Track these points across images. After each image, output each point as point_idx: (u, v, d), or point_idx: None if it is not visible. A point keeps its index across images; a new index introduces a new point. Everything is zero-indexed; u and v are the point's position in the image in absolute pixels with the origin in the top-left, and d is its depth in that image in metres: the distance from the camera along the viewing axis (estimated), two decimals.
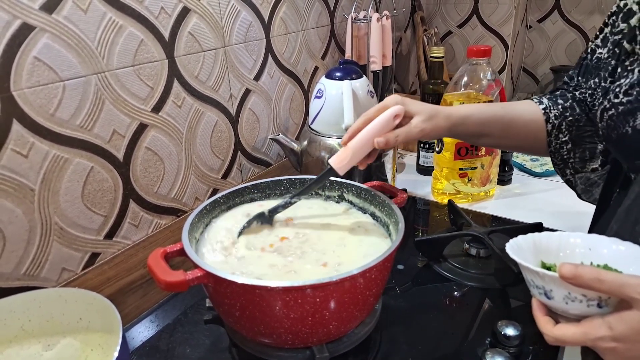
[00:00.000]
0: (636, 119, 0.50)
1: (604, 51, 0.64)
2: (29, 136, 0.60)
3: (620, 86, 0.53)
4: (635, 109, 0.50)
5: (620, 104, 0.52)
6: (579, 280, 0.41)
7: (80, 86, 0.65)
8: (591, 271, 0.41)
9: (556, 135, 0.67)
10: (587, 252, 0.53)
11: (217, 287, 0.53)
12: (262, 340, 0.58)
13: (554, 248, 0.54)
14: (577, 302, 0.44)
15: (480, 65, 0.95)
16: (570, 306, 0.45)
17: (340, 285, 0.50)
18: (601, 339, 0.42)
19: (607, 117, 0.54)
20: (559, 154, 0.68)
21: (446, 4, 1.58)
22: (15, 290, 0.62)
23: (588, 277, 0.41)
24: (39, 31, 0.59)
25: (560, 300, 0.45)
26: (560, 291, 0.45)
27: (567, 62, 1.63)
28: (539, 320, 0.48)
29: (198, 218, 0.64)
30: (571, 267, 0.41)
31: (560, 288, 0.45)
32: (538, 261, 0.53)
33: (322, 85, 0.92)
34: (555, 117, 0.67)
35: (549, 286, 0.46)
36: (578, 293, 0.44)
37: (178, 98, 0.80)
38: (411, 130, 0.60)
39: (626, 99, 0.51)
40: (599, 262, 0.51)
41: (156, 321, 0.74)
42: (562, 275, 0.42)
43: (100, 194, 0.71)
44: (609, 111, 0.53)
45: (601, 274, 0.41)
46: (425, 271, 0.83)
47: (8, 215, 0.60)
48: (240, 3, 0.89)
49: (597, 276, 0.40)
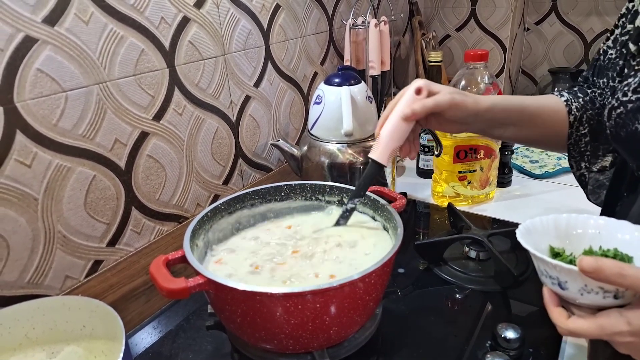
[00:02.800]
0: None
1: (614, 52, 0.65)
2: (32, 146, 0.61)
3: (628, 85, 0.53)
4: None
5: (629, 101, 0.52)
6: (600, 275, 0.40)
7: (83, 96, 0.66)
8: (613, 265, 0.40)
9: (577, 127, 0.67)
10: (597, 235, 0.52)
11: (218, 294, 0.53)
12: (264, 345, 0.58)
13: (562, 230, 0.53)
14: (592, 294, 0.43)
15: (478, 69, 0.96)
16: (586, 297, 0.44)
17: (340, 290, 0.51)
18: (619, 334, 0.41)
19: (615, 116, 0.54)
20: (577, 147, 0.68)
21: (444, 8, 1.59)
22: (19, 299, 0.62)
23: (610, 272, 0.40)
24: (42, 43, 0.60)
25: (575, 291, 0.44)
26: (576, 283, 0.44)
27: (565, 63, 1.63)
28: (552, 311, 0.47)
29: (199, 225, 0.65)
30: (592, 260, 0.40)
31: (577, 280, 0.44)
32: (547, 245, 0.52)
33: (321, 91, 0.92)
34: (577, 109, 0.67)
35: (563, 277, 0.45)
36: (595, 285, 0.43)
37: (179, 106, 0.81)
38: (440, 97, 0.59)
39: (635, 96, 0.52)
40: (608, 246, 0.50)
41: (159, 327, 0.75)
42: (582, 270, 0.41)
43: (102, 202, 0.71)
44: (618, 109, 0.53)
45: (624, 268, 0.40)
46: (425, 274, 0.83)
47: (12, 224, 0.61)
48: (240, 11, 0.90)
49: (620, 271, 0.39)
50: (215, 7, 0.84)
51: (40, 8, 0.60)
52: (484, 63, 0.95)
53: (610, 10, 1.50)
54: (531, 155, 1.30)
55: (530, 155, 1.30)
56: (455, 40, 1.62)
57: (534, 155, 1.29)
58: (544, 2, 1.60)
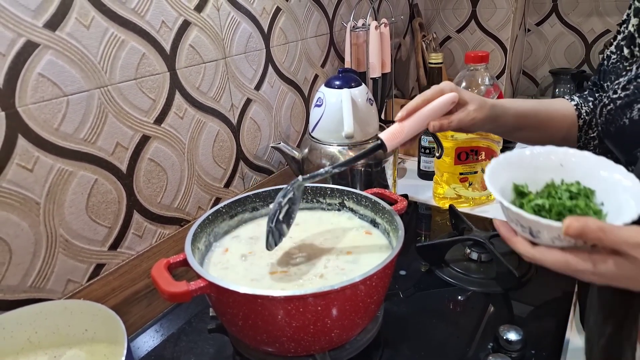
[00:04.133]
0: (633, 111, 0.52)
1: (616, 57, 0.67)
2: (34, 151, 0.62)
3: (618, 83, 0.56)
4: (632, 101, 0.52)
5: (618, 98, 0.54)
6: (584, 237, 0.40)
7: (84, 100, 0.66)
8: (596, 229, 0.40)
9: (586, 130, 0.69)
10: (559, 167, 0.51)
11: (220, 297, 0.53)
12: (265, 348, 0.58)
13: (526, 163, 0.52)
14: (564, 242, 0.43)
15: (478, 71, 0.96)
16: (556, 244, 0.44)
17: (341, 293, 0.51)
18: (582, 272, 0.42)
19: (605, 112, 0.56)
20: (586, 149, 0.68)
21: (444, 10, 1.59)
22: (21, 303, 0.62)
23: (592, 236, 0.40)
24: (43, 48, 0.61)
25: (547, 240, 0.44)
26: (550, 234, 0.43)
27: (566, 64, 1.63)
28: (515, 241, 0.46)
29: (200, 228, 0.65)
30: (578, 226, 0.40)
31: (552, 232, 0.43)
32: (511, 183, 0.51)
33: (322, 94, 0.93)
34: (587, 113, 0.68)
35: (537, 228, 0.44)
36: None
37: (180, 109, 0.81)
38: (464, 118, 0.61)
39: (624, 93, 0.54)
40: (570, 178, 0.50)
41: (161, 330, 0.75)
42: (567, 233, 0.40)
43: (104, 205, 0.72)
44: (608, 106, 0.56)
45: (604, 227, 0.40)
46: (427, 276, 0.83)
47: (14, 228, 0.61)
48: (240, 15, 0.90)
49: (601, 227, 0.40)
50: (215, 10, 0.84)
51: (42, 13, 0.60)
52: (484, 64, 0.95)
53: (611, 10, 1.50)
54: None
55: None
56: (456, 42, 1.62)
57: None
58: (545, 3, 1.60)
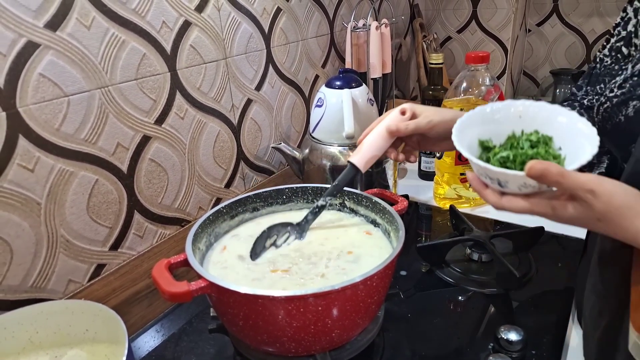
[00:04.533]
0: (628, 108, 0.54)
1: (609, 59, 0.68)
2: (35, 151, 0.62)
3: (615, 82, 0.57)
4: (627, 99, 0.54)
5: (615, 96, 0.56)
6: (545, 180, 0.43)
7: (85, 101, 0.66)
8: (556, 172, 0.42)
9: None
10: (518, 119, 0.54)
11: (221, 297, 0.53)
12: (266, 348, 0.58)
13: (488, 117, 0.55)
14: (529, 188, 0.46)
15: (479, 71, 0.96)
16: (523, 191, 0.47)
17: (342, 293, 0.51)
18: (543, 215, 0.47)
19: (602, 110, 0.58)
20: None
21: (445, 10, 1.59)
22: (22, 303, 0.62)
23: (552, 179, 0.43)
24: (44, 48, 0.61)
25: (514, 188, 0.47)
26: (516, 183, 0.46)
27: (567, 64, 1.63)
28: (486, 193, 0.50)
29: (201, 228, 0.65)
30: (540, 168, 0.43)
31: (518, 180, 0.46)
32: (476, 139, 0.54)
33: (323, 94, 0.93)
34: None
35: (505, 179, 0.47)
36: (534, 182, 0.45)
37: (180, 110, 0.81)
38: (421, 120, 0.65)
39: (620, 91, 0.56)
40: (529, 128, 0.52)
41: (162, 331, 0.75)
42: (530, 174, 0.43)
43: (105, 205, 0.72)
44: (605, 104, 0.57)
45: (564, 172, 0.43)
46: (427, 277, 0.83)
47: (15, 229, 0.61)
48: (241, 15, 0.90)
49: (561, 172, 0.42)
50: (216, 10, 0.85)
51: (42, 13, 0.60)
52: (485, 65, 0.95)
53: (612, 11, 1.50)
54: None
55: None
56: (457, 42, 1.62)
57: None
58: (545, 3, 1.60)
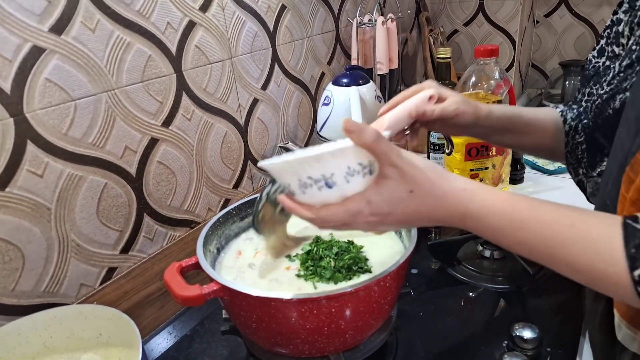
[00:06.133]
0: (615, 101, 0.55)
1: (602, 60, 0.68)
2: (44, 156, 0.62)
3: (605, 80, 0.60)
4: (615, 93, 0.56)
5: (604, 93, 0.58)
6: (363, 136, 0.41)
7: (92, 104, 0.66)
8: (373, 131, 0.41)
9: (573, 135, 0.70)
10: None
11: (233, 300, 0.53)
12: (279, 350, 0.58)
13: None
14: (310, 189, 0.44)
15: (488, 65, 0.94)
16: (309, 196, 0.44)
17: (355, 295, 0.51)
18: (360, 213, 0.44)
19: (594, 107, 0.60)
20: (574, 154, 0.71)
21: (451, 3, 1.57)
22: (36, 307, 0.63)
23: (369, 138, 0.41)
24: (49, 53, 0.60)
25: (340, 179, 0.43)
26: (341, 168, 0.43)
27: (576, 56, 1.61)
28: (301, 209, 0.47)
29: (211, 231, 0.65)
30: (355, 124, 0.41)
31: (341, 164, 0.43)
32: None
33: (330, 92, 0.92)
34: (572, 119, 0.70)
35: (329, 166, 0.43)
36: (304, 176, 0.43)
37: (187, 111, 0.81)
38: (447, 107, 0.63)
39: (609, 87, 0.57)
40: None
41: (174, 332, 0.75)
42: (347, 129, 0.41)
43: (114, 209, 0.71)
44: (596, 101, 0.59)
45: (381, 136, 0.42)
46: (439, 274, 0.82)
47: (26, 234, 0.61)
48: (245, 14, 0.89)
49: (377, 138, 0.41)
50: (220, 10, 0.84)
51: (47, 17, 0.60)
52: (494, 58, 0.94)
53: None
54: None
55: None
56: (464, 36, 1.60)
57: None
58: None
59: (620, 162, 0.46)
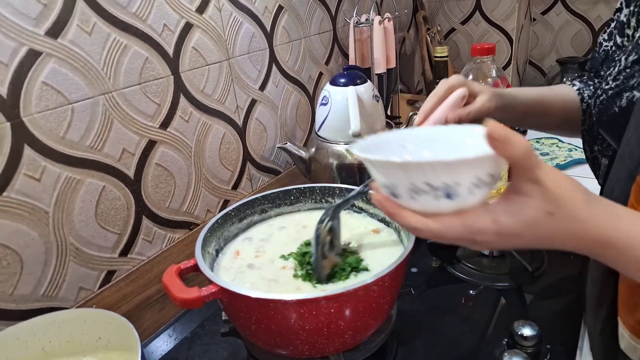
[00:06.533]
0: (622, 99, 0.54)
1: (610, 44, 0.68)
2: (41, 160, 0.61)
3: (610, 74, 0.58)
4: (621, 90, 0.54)
5: (610, 89, 0.56)
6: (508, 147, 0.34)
7: (89, 107, 0.66)
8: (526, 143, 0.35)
9: (590, 113, 0.69)
10: (400, 149, 0.47)
11: (232, 302, 0.53)
12: (279, 351, 0.58)
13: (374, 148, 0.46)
14: (423, 196, 0.37)
15: (485, 63, 0.94)
16: (419, 203, 0.38)
17: (354, 294, 0.51)
18: (482, 232, 0.37)
19: (598, 103, 0.58)
20: (590, 132, 0.70)
21: (448, 2, 1.57)
22: (34, 312, 0.63)
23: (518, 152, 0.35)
24: (46, 56, 0.60)
25: (464, 192, 0.37)
26: (476, 172, 0.37)
27: (573, 53, 1.61)
28: (402, 215, 0.40)
29: (210, 232, 0.65)
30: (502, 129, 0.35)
31: (479, 169, 0.37)
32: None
33: (327, 92, 0.92)
34: (589, 96, 0.70)
35: (456, 177, 0.37)
36: (420, 182, 0.37)
37: (185, 113, 0.81)
38: (481, 108, 0.61)
39: (614, 83, 0.56)
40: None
41: (174, 335, 0.75)
42: (491, 134, 0.35)
43: (113, 212, 0.71)
44: (601, 97, 0.57)
45: (533, 151, 0.36)
46: (439, 273, 0.82)
47: (24, 238, 0.61)
48: (242, 15, 0.89)
49: (530, 148, 0.35)
50: (217, 11, 0.84)
51: (43, 21, 0.60)
52: (491, 57, 0.94)
53: None
54: (542, 147, 1.28)
55: (540, 147, 1.28)
56: (461, 34, 1.60)
57: (544, 147, 1.28)
58: None
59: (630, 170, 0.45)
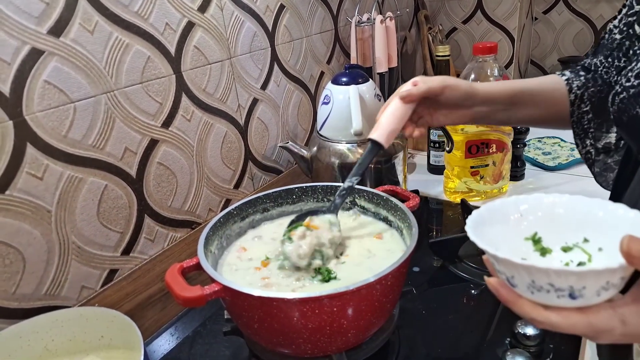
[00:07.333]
0: None
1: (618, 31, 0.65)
2: (43, 158, 0.61)
3: (632, 70, 0.53)
4: None
5: (631, 87, 0.52)
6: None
7: (91, 106, 0.66)
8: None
9: (578, 105, 0.68)
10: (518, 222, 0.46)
11: (235, 300, 0.53)
12: (282, 350, 0.58)
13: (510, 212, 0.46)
14: (543, 292, 0.37)
15: (487, 62, 0.94)
16: (537, 297, 0.38)
17: (357, 293, 0.51)
18: (608, 332, 0.36)
19: (618, 101, 0.54)
20: (580, 124, 0.69)
21: (450, 1, 1.57)
22: (37, 311, 0.62)
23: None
24: (48, 55, 0.60)
25: (591, 294, 0.36)
26: (600, 282, 0.36)
27: (575, 52, 1.61)
28: (519, 304, 0.39)
29: (212, 231, 0.65)
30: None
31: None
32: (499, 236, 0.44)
33: (329, 91, 0.92)
34: (578, 87, 0.68)
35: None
36: (544, 282, 0.36)
37: (187, 112, 0.81)
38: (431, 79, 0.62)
39: (637, 81, 0.51)
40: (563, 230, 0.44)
41: (176, 334, 0.75)
42: (629, 254, 0.34)
43: (115, 211, 0.71)
44: (620, 95, 0.53)
45: None
46: (441, 272, 0.82)
47: (27, 237, 0.61)
48: (244, 14, 0.89)
49: None
50: (219, 10, 0.84)
51: (45, 19, 0.60)
52: (493, 56, 0.94)
53: None
54: (543, 147, 1.28)
55: (542, 147, 1.28)
56: (462, 33, 1.60)
57: (546, 147, 1.28)
58: None
59: None
